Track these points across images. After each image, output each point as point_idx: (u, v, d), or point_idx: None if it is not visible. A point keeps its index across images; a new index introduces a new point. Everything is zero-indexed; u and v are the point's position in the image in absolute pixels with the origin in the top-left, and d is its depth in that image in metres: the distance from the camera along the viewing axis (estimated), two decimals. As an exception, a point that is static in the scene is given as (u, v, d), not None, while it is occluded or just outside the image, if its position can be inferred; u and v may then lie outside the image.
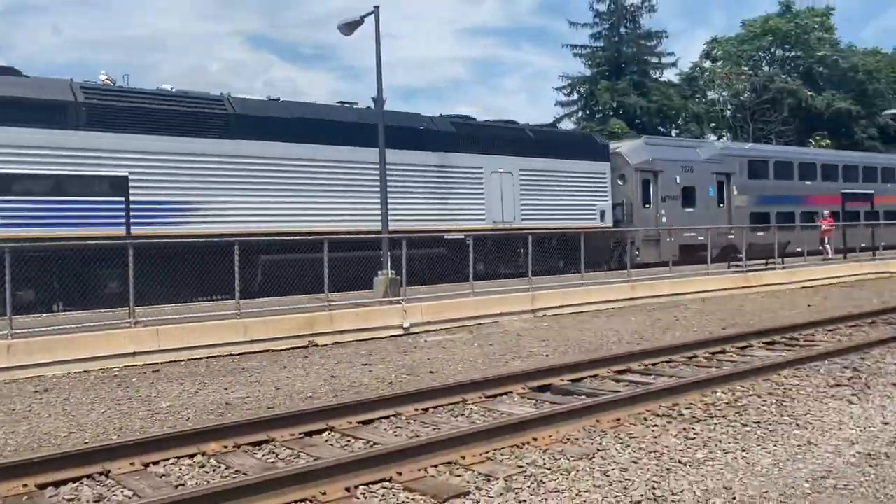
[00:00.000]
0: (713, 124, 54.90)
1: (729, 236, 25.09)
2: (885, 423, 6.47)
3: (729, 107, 54.38)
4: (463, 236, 16.79)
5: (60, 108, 14.44)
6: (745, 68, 54.59)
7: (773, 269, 22.42)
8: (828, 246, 26.71)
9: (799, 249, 25.29)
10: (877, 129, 55.27)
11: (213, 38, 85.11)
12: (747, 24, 58.88)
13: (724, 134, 54.16)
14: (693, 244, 23.97)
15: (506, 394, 7.97)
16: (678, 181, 25.82)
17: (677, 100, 51.00)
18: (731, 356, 10.07)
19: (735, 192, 27.57)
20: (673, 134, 49.95)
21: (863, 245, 27.76)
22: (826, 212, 28.56)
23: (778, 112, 50.87)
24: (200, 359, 11.29)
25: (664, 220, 24.79)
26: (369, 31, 15.51)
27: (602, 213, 23.47)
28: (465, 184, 20.29)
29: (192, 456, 6.01)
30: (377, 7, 15.40)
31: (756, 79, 53.03)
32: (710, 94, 55.74)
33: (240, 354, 11.64)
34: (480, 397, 7.76)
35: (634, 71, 50.06)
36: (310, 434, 6.61)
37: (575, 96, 51.45)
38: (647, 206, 25.04)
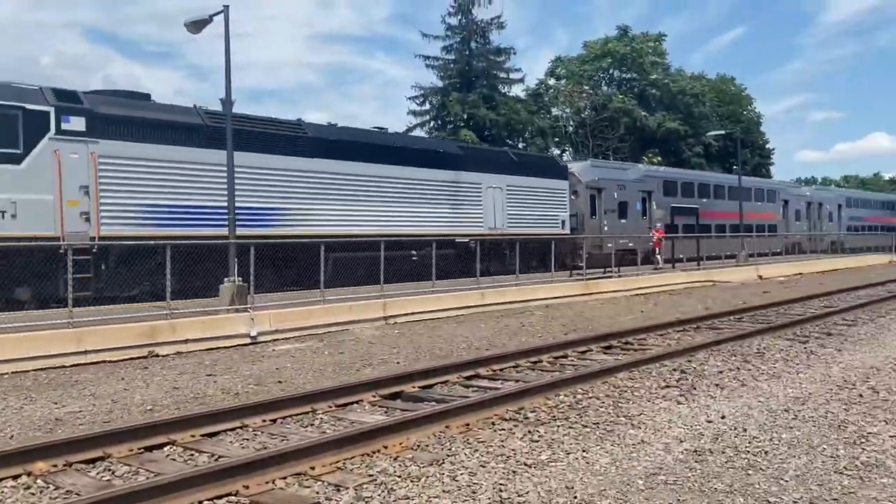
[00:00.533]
0: (557, 139, 57.42)
1: (649, 244, 29.64)
2: (709, 422, 6.98)
3: (571, 123, 57.08)
4: (468, 240, 21.54)
5: (195, 129, 17.45)
6: (586, 87, 57.55)
7: (610, 277, 23.70)
8: (658, 256, 28.61)
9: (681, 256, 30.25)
10: (702, 147, 59.95)
11: (46, 28, 79.20)
12: (588, 45, 62.13)
13: (566, 148, 56.81)
14: (626, 249, 28.23)
15: (356, 402, 7.91)
16: (615, 197, 30.93)
17: (524, 114, 52.90)
18: (573, 360, 10.52)
19: (654, 207, 33.02)
20: (520, 147, 51.80)
21: (703, 255, 30.70)
22: (658, 224, 30.67)
23: (615, 130, 53.97)
24: (27, 371, 10.43)
25: (605, 229, 29.58)
26: (218, 30, 15.01)
27: (563, 223, 27.60)
28: (470, 196, 24.17)
29: (16, 477, 5.52)
30: (226, 7, 14.93)
31: (596, 98, 56.04)
32: (555, 111, 58.29)
33: (73, 366, 10.86)
34: (330, 406, 7.65)
35: (484, 84, 51.45)
36: (150, 449, 6.26)
37: (427, 106, 52.18)
38: (594, 217, 29.80)
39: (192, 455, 6.19)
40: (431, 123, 51.66)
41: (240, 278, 14.46)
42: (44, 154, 14.93)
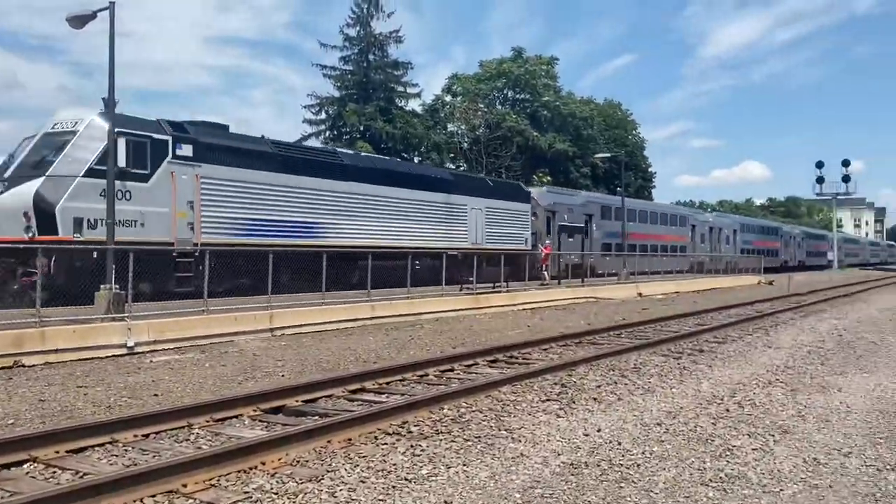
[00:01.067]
0: (452, 155, 58.05)
1: (590, 260, 34.67)
2: (586, 435, 7.15)
3: (466, 139, 57.88)
4: (457, 252, 25.93)
5: (265, 156, 21.25)
6: (481, 105, 58.50)
7: (499, 292, 24.08)
8: (545, 273, 29.32)
9: (614, 271, 35.08)
10: (589, 168, 62.05)
11: None
12: (484, 64, 63.27)
13: (461, 164, 57.47)
14: (572, 263, 32.52)
15: (236, 417, 7.66)
16: (566, 219, 36.28)
17: (420, 129, 53.26)
18: (459, 374, 10.58)
19: (595, 229, 38.59)
20: (415, 160, 52.07)
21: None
22: (547, 241, 31.50)
23: (508, 148, 55.06)
24: None
25: (559, 247, 34.47)
26: (105, 27, 14.33)
27: (526, 240, 31.63)
28: (459, 215, 28.34)
29: None
30: (112, 3, 14.28)
31: (490, 116, 57.06)
32: (451, 126, 58.96)
33: (-77, 377, 10.01)
34: (208, 421, 7.37)
35: (381, 97, 51.48)
36: (7, 466, 5.83)
37: (323, 115, 51.67)
38: (549, 236, 34.28)
39: (54, 472, 5.81)
40: (327, 133, 51.20)
41: (117, 286, 13.78)
42: (164, 175, 18.35)
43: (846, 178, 67.26)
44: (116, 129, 16.09)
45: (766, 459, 6.42)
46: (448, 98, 61.05)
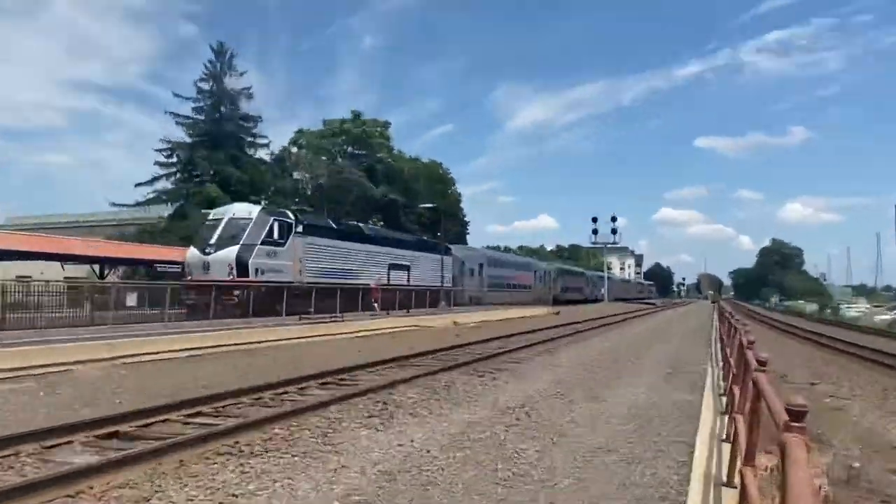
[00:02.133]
0: (297, 199, 56.88)
1: (479, 293, 47.22)
2: (400, 445, 7.14)
3: (310, 187, 57.07)
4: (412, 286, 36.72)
5: (331, 229, 31.11)
6: (324, 158, 58.08)
7: (336, 321, 23.72)
8: (376, 304, 29.30)
9: (495, 302, 46.45)
10: (416, 216, 63.19)
11: None
12: (327, 123, 63.16)
13: (305, 209, 56.40)
14: (473, 295, 45.78)
15: (67, 443, 6.90)
16: (469, 265, 47.53)
17: (269, 176, 51.88)
18: (293, 396, 10.23)
19: (486, 272, 50.04)
20: (262, 203, 50.46)
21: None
22: (378, 276, 31.58)
23: (347, 196, 54.92)
24: None
25: (466, 284, 46.06)
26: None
27: (448, 280, 42.26)
28: (422, 266, 38.75)
29: None
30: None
31: (332, 167, 56.77)
32: (296, 175, 57.89)
33: None
34: (37, 448, 6.59)
35: (232, 145, 49.74)
36: None
37: (175, 159, 49.02)
38: (461, 277, 45.56)
39: None
40: (178, 175, 48.56)
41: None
42: (291, 242, 27.01)
43: (614, 231, 74.43)
44: (272, 217, 26.55)
45: (545, 459, 6.72)
46: (294, 149, 60.05)
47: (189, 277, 25.22)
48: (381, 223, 54.91)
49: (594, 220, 73.81)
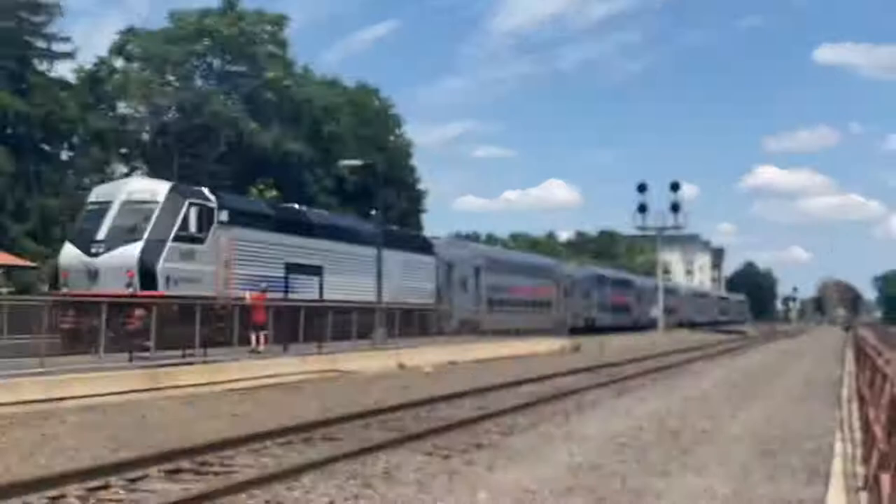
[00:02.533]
0: (124, 150, 56.30)
1: (474, 316, 50.22)
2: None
3: (147, 128, 56.53)
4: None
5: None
6: (172, 78, 57.52)
7: (192, 364, 23.62)
8: (257, 337, 28.43)
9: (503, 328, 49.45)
10: (334, 181, 62.53)
11: None
12: (178, 18, 62.09)
13: (139, 166, 55.99)
14: (466, 317, 49.33)
15: None
16: (459, 271, 50.28)
17: (74, 108, 51.20)
18: (118, 493, 10.21)
19: (484, 281, 52.81)
20: (63, 155, 49.93)
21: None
22: (264, 284, 30.98)
23: (213, 145, 54.55)
24: None
25: (455, 300, 49.21)
26: None
27: (431, 293, 46.00)
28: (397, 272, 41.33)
29: None
30: None
31: (186, 95, 56.24)
32: (122, 107, 57.27)
33: None
34: None
35: (11, 56, 48.99)
36: None
37: None
38: (448, 288, 48.46)
39: None
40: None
41: None
42: (214, 237, 30.31)
43: (676, 207, 71.30)
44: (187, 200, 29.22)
45: None
46: (119, 63, 59.33)
47: (65, 290, 27.37)
48: (275, 192, 54.51)
49: (641, 188, 72.43)
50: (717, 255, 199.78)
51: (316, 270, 36.06)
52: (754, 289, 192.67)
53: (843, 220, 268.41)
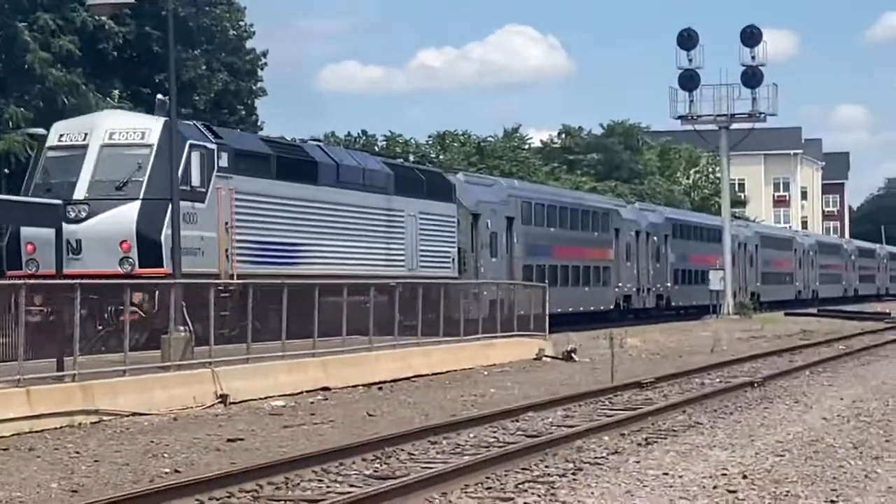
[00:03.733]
0: None
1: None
2: None
3: None
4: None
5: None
6: None
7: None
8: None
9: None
10: (73, 33, 41.06)
11: None
12: None
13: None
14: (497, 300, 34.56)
15: None
16: (489, 226, 38.55)
17: None
18: None
19: (519, 238, 40.27)
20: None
21: None
22: None
23: None
24: None
25: (482, 270, 37.21)
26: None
27: (453, 261, 35.31)
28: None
29: None
30: None
31: None
32: None
33: None
34: None
35: None
36: None
37: None
38: (476, 251, 37.71)
39: None
40: None
41: None
42: (214, 191, 24.50)
43: (752, 77, 48.35)
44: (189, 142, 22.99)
45: None
46: None
47: (34, 269, 21.62)
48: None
49: (685, 40, 49.22)
50: (836, 165, 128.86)
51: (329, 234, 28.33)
52: None
53: None
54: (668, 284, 52.72)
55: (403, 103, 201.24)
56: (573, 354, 29.65)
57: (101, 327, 19.43)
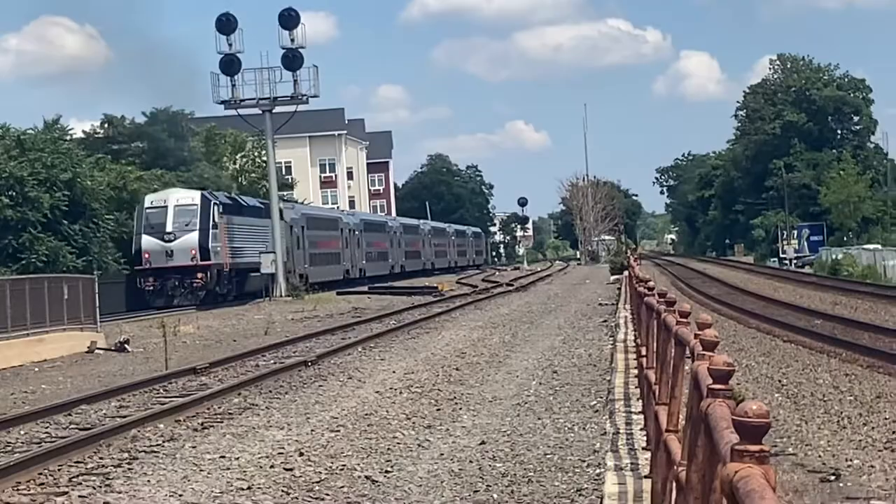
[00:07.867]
0: None
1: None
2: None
3: None
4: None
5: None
6: None
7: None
8: None
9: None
10: None
11: None
12: None
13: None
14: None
15: None
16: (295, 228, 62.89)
17: None
18: None
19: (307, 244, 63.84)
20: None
21: None
22: None
23: None
24: None
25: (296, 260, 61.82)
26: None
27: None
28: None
29: None
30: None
31: None
32: None
33: None
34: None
35: None
36: None
37: None
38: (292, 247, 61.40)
39: None
40: None
41: None
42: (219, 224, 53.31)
43: (292, 59, 52.92)
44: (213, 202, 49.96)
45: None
46: None
47: (148, 266, 47.58)
48: None
49: (224, 23, 52.42)
50: (379, 144, 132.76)
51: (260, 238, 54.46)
52: (451, 202, 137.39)
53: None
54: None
55: None
56: (126, 345, 28.94)
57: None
